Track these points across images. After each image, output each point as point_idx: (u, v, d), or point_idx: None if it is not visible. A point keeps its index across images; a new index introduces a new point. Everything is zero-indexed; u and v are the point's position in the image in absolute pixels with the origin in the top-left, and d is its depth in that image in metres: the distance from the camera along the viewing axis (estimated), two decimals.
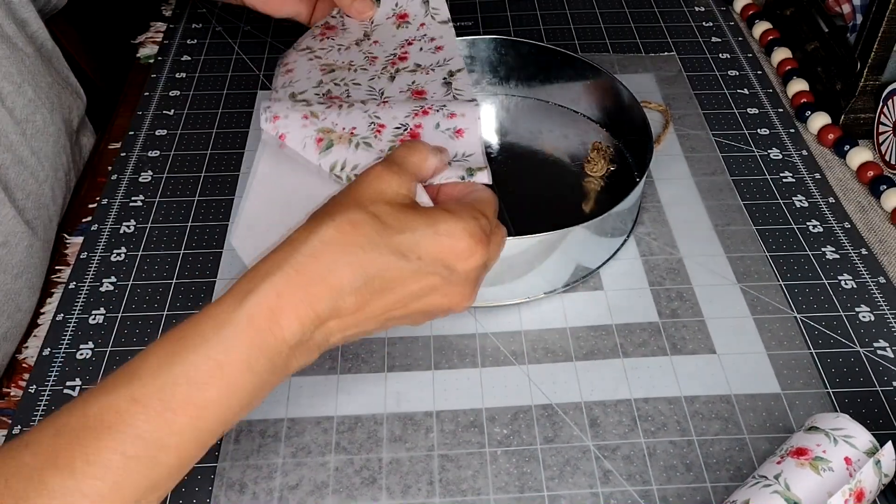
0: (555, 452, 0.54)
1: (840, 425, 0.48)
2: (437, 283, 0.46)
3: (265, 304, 0.42)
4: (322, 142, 0.54)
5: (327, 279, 0.43)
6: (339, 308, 0.43)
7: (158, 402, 0.39)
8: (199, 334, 0.41)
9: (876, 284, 0.64)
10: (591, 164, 0.70)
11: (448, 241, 0.45)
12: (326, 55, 0.66)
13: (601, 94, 0.75)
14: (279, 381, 0.44)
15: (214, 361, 0.40)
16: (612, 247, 0.66)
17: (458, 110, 0.57)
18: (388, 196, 0.46)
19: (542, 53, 0.76)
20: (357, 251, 0.43)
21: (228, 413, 0.41)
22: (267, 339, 0.41)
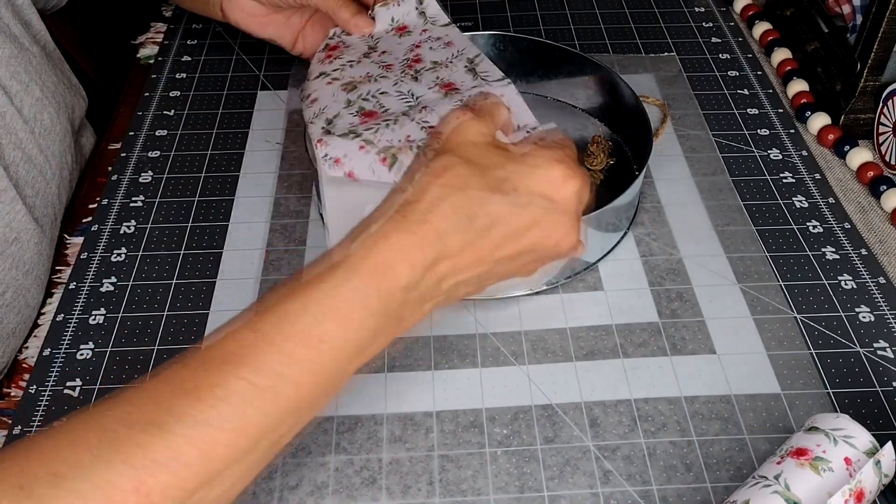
0: (555, 452, 0.54)
1: (840, 425, 0.48)
2: (539, 214, 0.46)
3: (376, 246, 0.42)
4: (387, 160, 0.55)
5: (431, 220, 0.43)
6: (447, 249, 0.44)
7: (278, 333, 0.40)
8: (315, 274, 0.42)
9: (876, 285, 0.64)
10: (590, 158, 0.70)
11: (542, 172, 0.46)
12: (342, 74, 0.66)
13: (599, 88, 0.76)
14: (393, 332, 0.44)
15: (330, 297, 0.41)
16: (609, 242, 0.66)
17: (496, 90, 0.57)
18: (472, 137, 0.47)
19: (541, 49, 0.77)
20: (454, 192, 0.44)
21: (343, 353, 0.41)
22: (379, 281, 0.42)
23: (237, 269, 0.66)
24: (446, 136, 0.47)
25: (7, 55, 0.65)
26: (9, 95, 0.64)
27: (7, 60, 0.64)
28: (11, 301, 0.61)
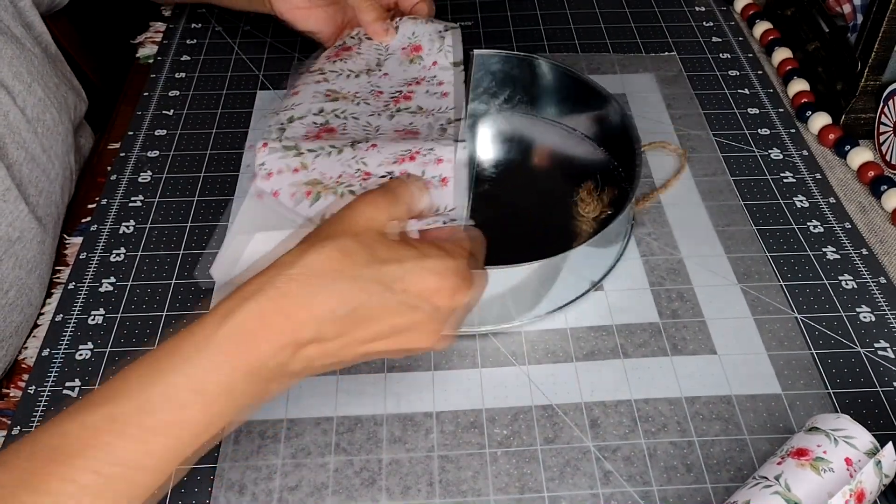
0: (555, 453, 0.54)
1: (840, 426, 0.48)
2: (420, 319, 0.45)
3: (247, 325, 0.41)
4: (311, 195, 0.54)
5: (311, 305, 0.42)
6: (321, 335, 0.42)
7: (136, 422, 0.39)
8: (179, 354, 0.40)
9: (876, 285, 0.64)
10: (582, 205, 0.68)
11: (435, 280, 0.45)
12: (335, 80, 0.66)
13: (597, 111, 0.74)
14: (255, 406, 0.43)
15: (194, 382, 0.40)
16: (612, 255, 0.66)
17: (446, 155, 0.56)
18: (380, 224, 0.45)
19: (551, 72, 0.75)
20: (344, 280, 0.43)
21: (205, 435, 0.41)
22: (248, 361, 0.41)
23: None
24: (353, 215, 0.45)
25: (9, 56, 0.65)
26: (12, 96, 0.64)
27: (10, 61, 0.65)
28: (14, 300, 0.61)
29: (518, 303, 0.60)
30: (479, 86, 0.78)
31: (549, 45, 0.89)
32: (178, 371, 0.40)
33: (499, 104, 0.79)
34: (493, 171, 0.73)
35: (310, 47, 0.87)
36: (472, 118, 0.78)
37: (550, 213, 0.69)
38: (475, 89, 0.78)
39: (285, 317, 0.41)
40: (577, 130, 0.76)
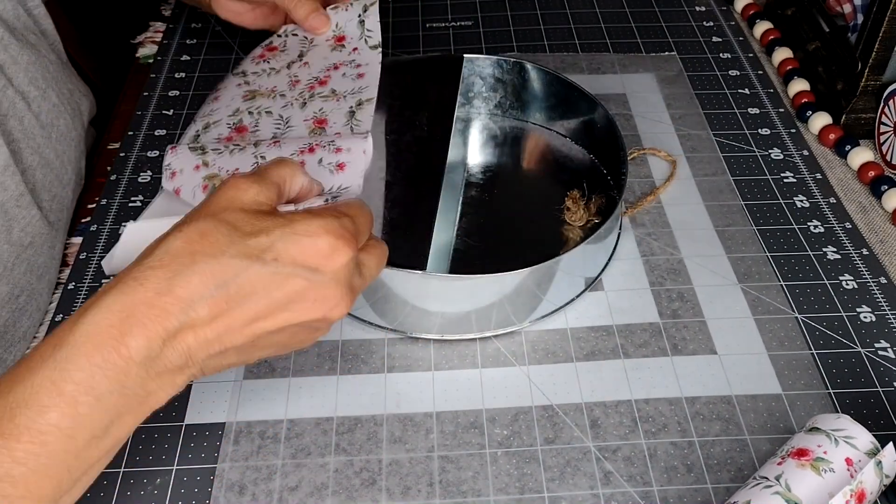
0: (555, 453, 0.54)
1: (841, 426, 0.48)
2: (302, 286, 0.42)
3: (105, 320, 0.39)
4: (207, 188, 0.54)
5: (174, 290, 0.39)
6: (192, 320, 0.40)
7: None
8: (38, 356, 0.38)
9: (877, 285, 0.64)
10: (569, 213, 0.68)
11: (307, 240, 0.42)
12: (256, 80, 0.67)
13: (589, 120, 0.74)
14: (140, 410, 0.41)
15: (52, 383, 0.37)
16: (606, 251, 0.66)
17: (346, 145, 0.56)
18: (244, 203, 0.43)
19: (541, 77, 0.75)
20: (206, 259, 0.40)
21: (77, 441, 0.38)
22: (109, 358, 0.38)
23: None
24: (215, 199, 0.43)
25: (25, 62, 0.65)
26: (27, 101, 0.64)
27: (26, 67, 0.65)
28: (24, 305, 0.61)
29: (515, 308, 0.60)
30: (469, 90, 0.78)
31: (549, 45, 0.89)
32: (34, 373, 0.38)
33: (489, 109, 0.79)
34: (482, 177, 0.73)
35: None
36: (462, 123, 0.78)
37: (539, 218, 0.69)
38: (466, 94, 0.78)
39: (146, 307, 0.39)
40: (568, 136, 0.76)
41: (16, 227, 0.60)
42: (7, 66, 0.63)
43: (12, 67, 0.63)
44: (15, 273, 0.60)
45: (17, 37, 0.65)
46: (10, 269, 0.59)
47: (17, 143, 0.62)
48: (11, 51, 0.64)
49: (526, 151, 0.77)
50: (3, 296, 0.59)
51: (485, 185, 0.72)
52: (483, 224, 0.68)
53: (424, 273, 0.57)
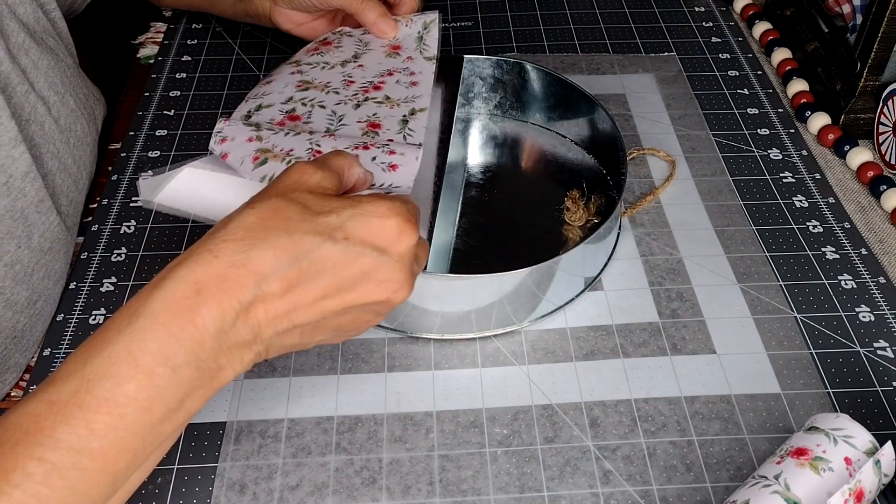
0: (555, 453, 0.54)
1: (840, 425, 0.48)
2: (370, 265, 0.43)
3: (181, 290, 0.39)
4: (258, 159, 0.54)
5: (248, 263, 0.40)
6: (265, 294, 0.40)
7: (74, 402, 0.37)
8: (114, 327, 0.38)
9: (876, 284, 0.64)
10: (568, 213, 0.68)
11: (376, 221, 0.43)
12: (310, 71, 0.67)
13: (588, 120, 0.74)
14: (211, 385, 0.41)
15: (129, 354, 0.37)
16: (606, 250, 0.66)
17: (399, 149, 0.56)
18: (310, 185, 0.44)
19: (541, 77, 0.75)
20: (280, 234, 0.41)
21: (153, 414, 0.38)
22: (185, 328, 0.38)
23: None
24: (282, 180, 0.44)
25: (45, 67, 0.65)
26: (47, 106, 0.65)
27: (45, 72, 0.65)
28: (41, 310, 0.61)
29: (515, 308, 0.60)
30: (469, 91, 0.78)
31: (548, 46, 0.89)
32: (111, 343, 0.38)
33: (489, 109, 0.79)
34: (482, 177, 0.73)
35: None
36: (462, 123, 0.78)
37: (539, 218, 0.69)
38: (466, 94, 0.78)
39: (221, 279, 0.39)
40: (567, 136, 0.77)
41: (36, 232, 0.60)
42: (29, 70, 0.63)
43: (33, 72, 0.63)
44: (34, 278, 0.60)
45: (36, 41, 0.65)
46: (30, 275, 0.59)
47: (37, 147, 0.62)
48: (32, 55, 0.64)
49: (526, 152, 0.77)
50: (23, 301, 0.59)
51: (485, 185, 0.72)
52: (483, 224, 0.68)
53: (424, 273, 0.57)
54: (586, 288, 0.64)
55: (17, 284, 0.58)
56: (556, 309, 0.62)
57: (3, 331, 0.56)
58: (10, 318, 0.57)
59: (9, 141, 0.57)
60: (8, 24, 0.61)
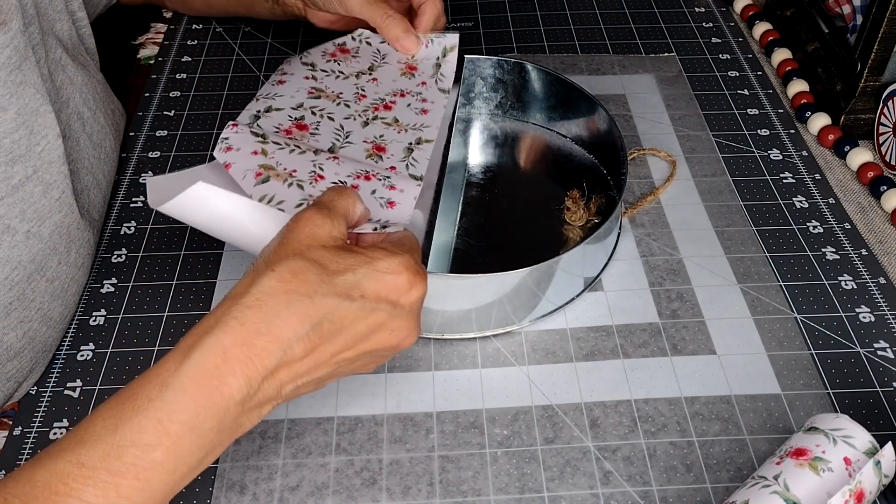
0: (555, 453, 0.54)
1: (839, 426, 0.48)
2: (383, 319, 0.45)
3: (209, 360, 0.41)
4: (260, 175, 0.55)
5: (272, 330, 0.42)
6: (288, 357, 0.42)
7: (104, 467, 0.38)
8: (144, 395, 0.40)
9: (876, 285, 0.64)
10: (569, 213, 0.68)
11: (390, 278, 0.45)
12: (325, 79, 0.67)
13: (589, 120, 0.74)
14: (229, 441, 0.43)
15: (159, 423, 0.39)
16: (606, 251, 0.66)
17: (399, 184, 0.57)
18: (323, 239, 0.45)
19: (542, 77, 0.75)
20: (302, 298, 0.42)
21: (176, 475, 0.40)
22: (213, 398, 0.40)
23: (237, 270, 0.66)
24: (295, 235, 0.45)
25: (80, 83, 0.65)
26: (82, 121, 0.65)
27: (80, 88, 0.65)
28: (69, 324, 0.62)
29: (515, 307, 0.60)
30: (470, 90, 0.78)
31: (549, 46, 0.89)
32: (141, 412, 0.39)
33: (490, 109, 0.79)
34: (483, 177, 0.73)
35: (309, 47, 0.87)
36: (463, 123, 0.78)
37: (539, 218, 0.69)
38: (467, 94, 0.78)
39: (248, 347, 0.41)
40: (568, 136, 0.77)
41: (73, 248, 0.60)
42: (65, 86, 0.63)
43: (69, 88, 0.64)
44: (68, 294, 0.60)
45: (71, 57, 0.66)
46: (66, 291, 0.60)
47: (74, 163, 0.62)
48: (69, 71, 0.64)
49: (526, 152, 0.77)
50: (56, 317, 0.59)
51: (485, 185, 0.72)
52: (483, 224, 0.68)
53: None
54: (586, 288, 0.64)
55: (55, 300, 0.58)
56: (556, 309, 0.62)
57: (37, 345, 0.57)
58: (44, 333, 0.58)
59: (58, 158, 0.58)
60: (48, 40, 0.61)
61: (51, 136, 0.57)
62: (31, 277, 0.55)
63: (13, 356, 0.55)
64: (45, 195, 0.56)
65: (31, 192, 0.55)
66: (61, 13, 0.66)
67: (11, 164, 0.54)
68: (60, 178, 0.58)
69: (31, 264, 0.55)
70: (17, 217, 0.54)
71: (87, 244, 0.63)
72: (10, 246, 0.54)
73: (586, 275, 0.64)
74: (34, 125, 0.55)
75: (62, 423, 0.56)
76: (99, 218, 0.67)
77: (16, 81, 0.54)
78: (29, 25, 0.58)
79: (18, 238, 0.54)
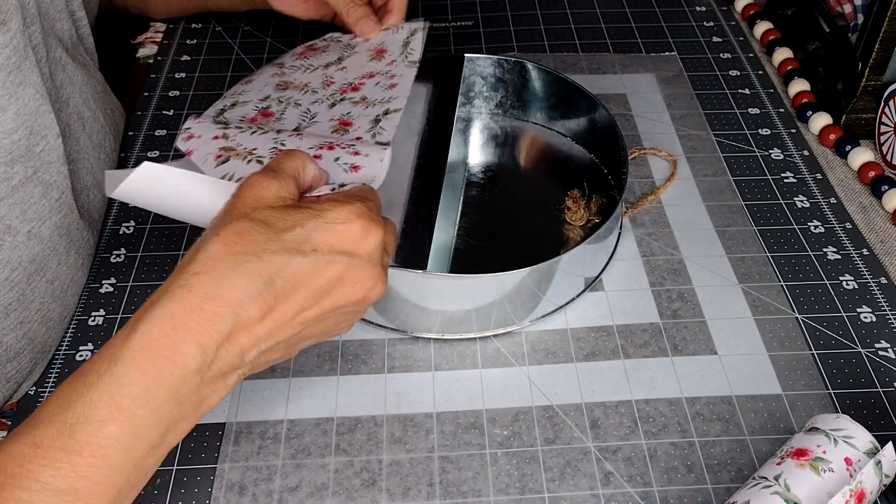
0: (555, 454, 0.54)
1: (840, 426, 0.48)
2: (342, 270, 0.44)
3: (158, 330, 0.39)
4: (220, 157, 0.54)
5: (222, 293, 0.40)
6: (243, 320, 0.41)
7: (59, 446, 0.37)
8: (94, 372, 0.39)
9: (877, 285, 0.64)
10: (569, 213, 0.68)
11: (340, 227, 0.43)
12: (292, 73, 0.67)
13: (589, 120, 0.74)
14: (195, 415, 0.41)
15: (110, 397, 0.38)
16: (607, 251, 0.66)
17: (364, 150, 0.56)
18: (270, 200, 0.44)
19: (542, 76, 0.75)
20: (249, 258, 0.41)
21: (136, 453, 0.39)
22: (165, 368, 0.39)
23: None
24: (241, 199, 0.44)
25: (80, 82, 0.65)
26: (82, 121, 0.65)
27: (80, 87, 0.65)
28: (62, 321, 0.61)
29: (515, 307, 0.60)
30: (470, 90, 0.78)
31: (549, 45, 0.89)
32: (92, 388, 0.38)
33: (490, 108, 0.79)
34: (483, 176, 0.73)
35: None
36: (463, 122, 0.78)
37: (540, 218, 0.69)
38: (467, 93, 0.78)
39: (198, 313, 0.40)
40: (568, 136, 0.76)
41: (73, 249, 0.60)
42: (65, 86, 0.63)
43: (69, 88, 0.64)
44: (68, 295, 0.60)
45: (71, 56, 0.65)
46: (65, 291, 0.60)
47: (74, 163, 0.62)
48: (69, 71, 0.64)
49: (526, 151, 0.77)
50: (56, 317, 0.59)
51: (485, 184, 0.72)
52: (483, 223, 0.68)
53: (425, 272, 0.57)
54: (587, 288, 0.64)
55: (54, 300, 0.58)
56: (557, 309, 0.62)
57: (37, 346, 0.57)
58: (44, 334, 0.57)
59: (57, 158, 0.58)
60: (48, 40, 0.61)
61: (51, 137, 0.57)
62: (31, 278, 0.55)
63: (13, 357, 0.55)
64: (45, 196, 0.56)
65: (31, 193, 0.55)
66: (62, 13, 0.66)
67: (11, 164, 0.53)
68: (60, 179, 0.58)
69: (31, 265, 0.55)
70: (17, 218, 0.54)
71: (87, 244, 0.62)
72: (10, 247, 0.53)
73: (587, 275, 0.64)
74: (34, 125, 0.55)
75: None
76: (98, 218, 0.67)
77: (15, 82, 0.54)
78: (30, 25, 0.58)
79: (19, 239, 0.54)
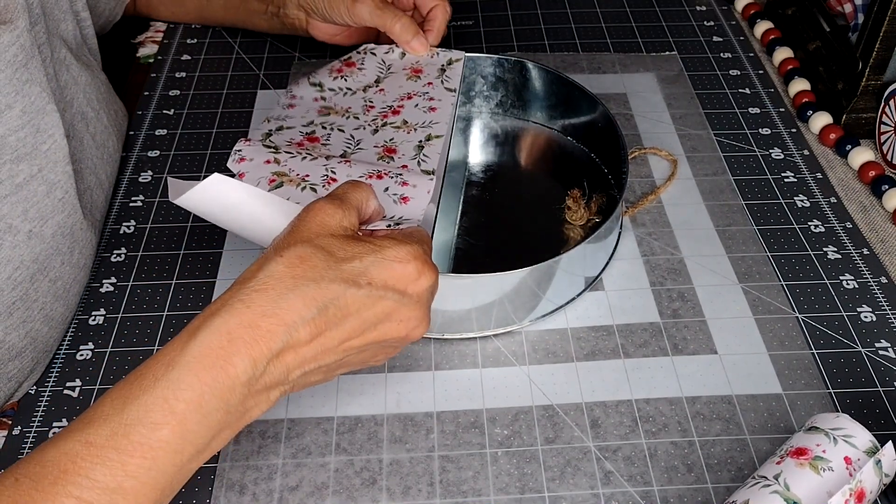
0: (556, 453, 0.54)
1: (840, 425, 0.48)
2: (391, 307, 0.45)
3: (215, 341, 0.41)
4: (274, 182, 0.56)
5: (278, 312, 0.42)
6: (294, 340, 0.43)
7: (112, 445, 0.39)
8: (151, 375, 0.41)
9: (878, 284, 0.64)
10: (570, 213, 0.68)
11: (398, 266, 0.45)
12: (333, 97, 0.68)
13: (589, 119, 0.74)
14: (238, 425, 0.43)
15: (165, 401, 0.40)
16: (607, 250, 0.66)
17: (412, 180, 0.58)
18: (332, 228, 0.46)
19: (542, 76, 0.75)
20: (308, 283, 0.43)
21: (183, 456, 0.41)
22: (218, 377, 0.41)
23: (237, 270, 0.66)
24: (305, 224, 0.46)
25: (84, 82, 0.66)
26: (86, 121, 0.65)
27: (84, 88, 0.65)
28: (65, 322, 0.61)
29: (515, 307, 0.60)
30: (471, 89, 0.78)
31: (549, 45, 0.89)
32: (148, 391, 0.40)
33: (491, 108, 0.79)
34: (483, 176, 0.73)
35: (310, 47, 0.87)
36: (463, 122, 0.78)
37: (540, 218, 0.69)
38: (467, 93, 0.78)
39: (253, 328, 0.42)
40: (569, 135, 0.76)
41: (76, 249, 0.60)
42: (69, 86, 0.63)
43: (73, 88, 0.64)
44: (70, 294, 0.60)
45: (75, 56, 0.66)
46: (68, 291, 0.60)
47: (78, 163, 0.62)
48: (73, 71, 0.64)
49: (527, 151, 0.77)
50: (58, 317, 0.59)
51: (486, 184, 0.72)
52: (484, 223, 0.68)
53: None
54: (587, 288, 0.64)
55: (57, 300, 0.58)
56: (557, 309, 0.62)
57: (38, 345, 0.57)
58: (46, 333, 0.58)
59: (62, 158, 0.58)
60: (53, 40, 0.61)
61: (56, 136, 0.57)
62: (33, 277, 0.55)
63: (14, 356, 0.55)
64: (48, 195, 0.56)
65: (34, 192, 0.55)
66: (66, 13, 0.66)
67: (17, 162, 0.54)
68: (64, 178, 0.58)
69: (33, 264, 0.55)
70: (19, 216, 0.54)
71: (90, 245, 0.62)
72: (11, 246, 0.53)
73: (587, 274, 0.64)
74: (40, 124, 0.55)
75: (61, 422, 0.56)
76: (101, 218, 0.67)
77: (22, 79, 0.54)
78: (35, 25, 0.58)
79: (20, 238, 0.54)
